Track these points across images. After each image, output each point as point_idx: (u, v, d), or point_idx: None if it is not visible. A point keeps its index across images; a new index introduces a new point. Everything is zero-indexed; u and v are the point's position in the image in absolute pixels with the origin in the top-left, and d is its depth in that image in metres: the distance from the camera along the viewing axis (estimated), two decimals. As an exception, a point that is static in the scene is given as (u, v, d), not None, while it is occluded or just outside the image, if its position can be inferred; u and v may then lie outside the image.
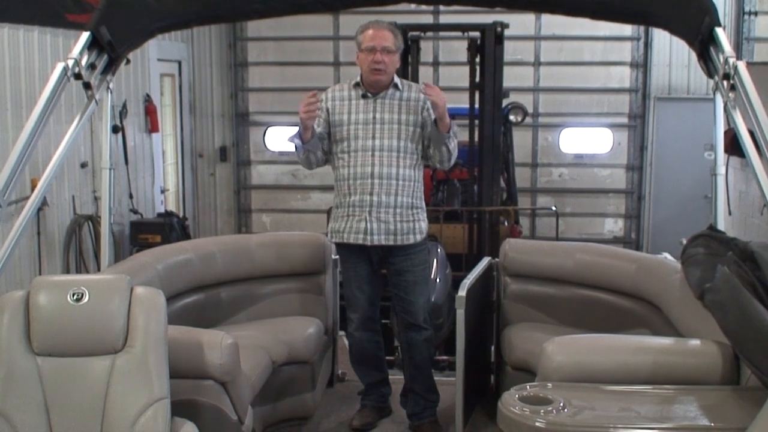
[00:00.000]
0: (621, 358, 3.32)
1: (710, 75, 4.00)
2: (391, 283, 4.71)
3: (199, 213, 11.97)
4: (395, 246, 4.55)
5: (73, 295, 3.18)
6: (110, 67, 4.28)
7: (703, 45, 3.99)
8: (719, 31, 3.89)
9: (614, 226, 12.10)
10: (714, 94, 3.99)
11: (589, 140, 11.89)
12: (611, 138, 11.84)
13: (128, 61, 4.54)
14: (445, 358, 5.83)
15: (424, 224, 4.64)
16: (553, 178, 12.00)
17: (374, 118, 4.54)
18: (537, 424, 2.83)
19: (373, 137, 4.52)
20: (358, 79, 4.62)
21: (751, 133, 3.67)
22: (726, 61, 3.78)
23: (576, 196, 11.96)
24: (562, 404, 2.91)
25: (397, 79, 4.63)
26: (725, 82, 3.80)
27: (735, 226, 8.94)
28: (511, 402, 2.94)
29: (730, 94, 3.80)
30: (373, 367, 4.88)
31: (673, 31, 4.38)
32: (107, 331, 3.17)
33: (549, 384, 3.13)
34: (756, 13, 11.38)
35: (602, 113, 11.76)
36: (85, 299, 3.17)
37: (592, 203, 11.98)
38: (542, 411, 2.87)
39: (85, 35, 4.08)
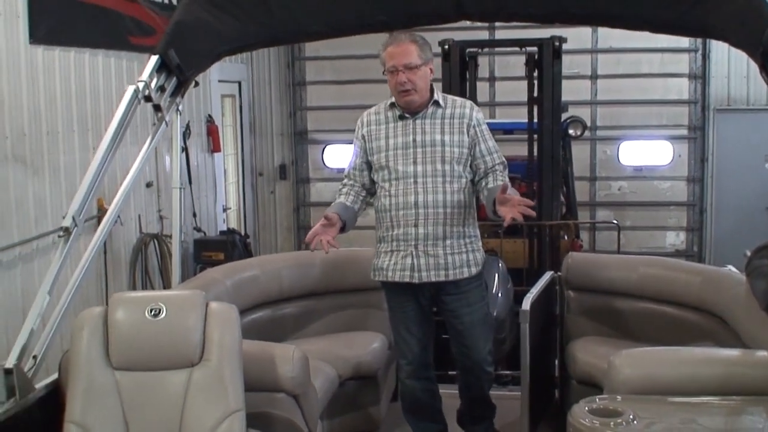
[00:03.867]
0: (689, 370, 3.32)
1: (773, 86, 3.98)
2: (446, 325, 4.33)
3: (259, 230, 12.09)
4: (447, 282, 4.12)
5: (151, 311, 3.28)
6: (179, 90, 4.40)
7: (765, 56, 3.97)
8: (781, 41, 3.87)
9: (676, 239, 11.92)
10: (776, 105, 3.96)
11: (648, 153, 11.73)
12: (671, 150, 11.67)
13: (197, 84, 4.65)
14: (508, 372, 5.83)
15: (479, 255, 4.22)
16: (613, 191, 11.88)
17: (414, 140, 4.13)
18: (607, 436, 2.84)
19: (415, 162, 4.10)
20: (394, 99, 4.26)
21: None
22: (788, 72, 3.76)
23: (636, 210, 11.80)
24: (631, 416, 2.91)
25: (438, 95, 4.22)
26: (788, 93, 3.78)
27: (800, 237, 8.77)
28: (581, 415, 2.96)
29: (793, 105, 3.77)
30: (428, 418, 4.48)
31: (734, 43, 4.34)
32: (184, 345, 3.27)
33: (618, 397, 3.14)
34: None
35: (661, 125, 11.60)
36: (162, 314, 3.28)
37: (652, 216, 11.82)
38: (612, 423, 2.88)
39: (154, 58, 4.18)
